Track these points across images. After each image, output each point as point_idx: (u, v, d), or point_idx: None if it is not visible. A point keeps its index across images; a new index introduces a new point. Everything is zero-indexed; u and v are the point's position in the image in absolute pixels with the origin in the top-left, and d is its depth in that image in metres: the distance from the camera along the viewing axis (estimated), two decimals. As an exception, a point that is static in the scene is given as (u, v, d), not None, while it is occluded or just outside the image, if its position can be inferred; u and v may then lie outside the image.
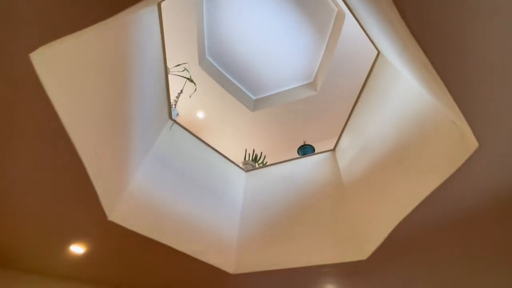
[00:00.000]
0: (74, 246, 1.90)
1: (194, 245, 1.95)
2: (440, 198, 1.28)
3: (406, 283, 2.05)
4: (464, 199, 1.28)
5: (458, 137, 1.15)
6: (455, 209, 1.34)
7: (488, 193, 1.23)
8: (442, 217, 1.41)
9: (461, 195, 1.26)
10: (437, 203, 1.31)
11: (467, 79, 0.94)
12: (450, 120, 1.19)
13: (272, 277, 2.05)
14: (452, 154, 1.16)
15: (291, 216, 2.21)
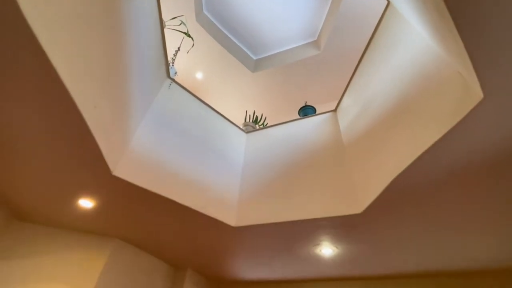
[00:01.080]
0: (82, 200, 1.99)
1: (196, 200, 2.04)
2: (439, 152, 1.29)
3: (400, 237, 2.17)
4: (465, 154, 1.29)
5: (463, 89, 1.12)
6: (454, 163, 1.36)
7: (490, 147, 1.23)
8: (440, 172, 1.44)
9: (461, 149, 1.27)
10: (435, 157, 1.32)
11: (481, 22, 0.88)
12: (456, 71, 1.15)
13: (271, 229, 2.17)
14: (455, 107, 1.14)
15: (290, 175, 2.27)
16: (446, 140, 1.21)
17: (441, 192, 1.59)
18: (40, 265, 2.25)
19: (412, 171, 1.45)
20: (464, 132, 1.16)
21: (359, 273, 3.02)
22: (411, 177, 1.50)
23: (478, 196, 1.59)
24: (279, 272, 3.16)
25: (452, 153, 1.30)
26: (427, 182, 1.53)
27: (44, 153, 1.60)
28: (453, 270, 2.70)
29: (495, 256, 2.37)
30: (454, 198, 1.63)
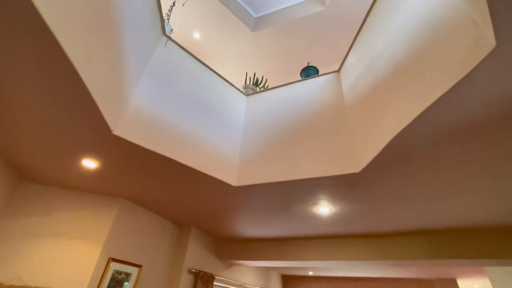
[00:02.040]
0: (86, 160, 2.03)
1: (197, 160, 2.07)
2: (443, 108, 1.27)
3: (397, 196, 2.23)
4: (469, 109, 1.26)
5: (474, 38, 1.06)
6: (457, 120, 1.34)
7: (497, 101, 1.20)
8: (442, 130, 1.42)
9: (466, 105, 1.24)
10: (439, 113, 1.30)
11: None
12: (470, 19, 1.07)
13: (271, 189, 2.24)
14: (464, 58, 1.09)
15: (291, 136, 2.28)
16: (452, 94, 1.18)
17: (441, 151, 1.60)
18: (52, 222, 2.38)
19: (413, 129, 1.44)
20: (471, 84, 1.12)
21: (355, 231, 3.19)
22: (412, 136, 1.50)
23: (479, 155, 1.60)
24: (278, 230, 3.35)
25: (456, 109, 1.27)
26: (428, 141, 1.52)
27: (44, 114, 1.59)
28: (449, 227, 2.84)
29: (492, 214, 2.47)
30: (454, 157, 1.64)
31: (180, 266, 3.19)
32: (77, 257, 2.30)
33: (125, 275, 2.59)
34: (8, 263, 2.11)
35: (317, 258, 3.44)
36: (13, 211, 2.30)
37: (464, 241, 2.97)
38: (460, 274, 5.61)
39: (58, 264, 2.23)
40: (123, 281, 2.56)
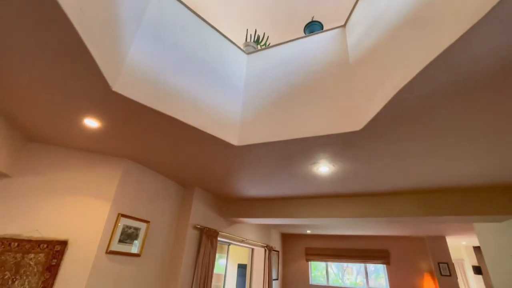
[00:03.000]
0: (87, 119, 2.03)
1: (198, 119, 2.07)
2: (450, 59, 1.22)
3: (397, 155, 2.27)
4: (476, 61, 1.22)
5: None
6: (464, 73, 1.31)
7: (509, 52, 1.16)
8: (447, 84, 1.39)
9: (474, 55, 1.20)
10: (445, 65, 1.27)
11: None
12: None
13: (272, 148, 2.28)
14: (477, 4, 1.02)
15: (293, 95, 2.25)
16: (460, 44, 1.13)
17: (444, 107, 1.59)
18: (61, 180, 2.46)
19: (416, 85, 1.41)
20: (482, 33, 1.07)
21: (353, 190, 3.32)
22: (415, 91, 1.47)
23: (484, 111, 1.59)
24: (279, 189, 3.48)
25: (463, 60, 1.23)
26: (431, 96, 1.50)
27: (42, 72, 1.55)
28: (442, 187, 2.95)
29: (484, 174, 2.54)
30: (458, 113, 1.63)
31: (185, 223, 3.39)
32: (88, 213, 2.44)
33: (134, 230, 2.76)
34: (25, 217, 2.24)
35: (316, 216, 3.64)
36: (23, 170, 2.37)
37: (456, 199, 3.11)
38: (449, 231, 5.97)
39: (71, 218, 2.37)
40: (133, 235, 2.74)
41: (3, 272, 2.04)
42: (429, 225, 5.23)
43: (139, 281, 2.77)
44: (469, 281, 7.83)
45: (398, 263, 6.71)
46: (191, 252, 3.34)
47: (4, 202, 2.23)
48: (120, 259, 2.58)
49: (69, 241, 2.29)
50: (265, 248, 5.97)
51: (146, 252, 2.90)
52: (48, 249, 2.21)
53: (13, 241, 2.14)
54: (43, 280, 2.12)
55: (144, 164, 2.94)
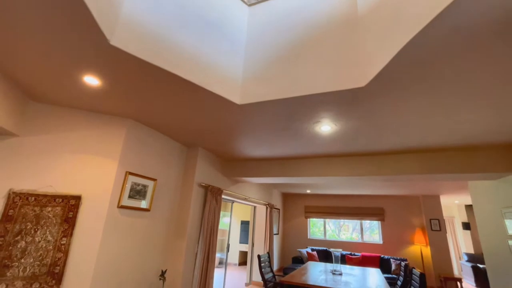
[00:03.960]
0: (87, 77, 1.99)
1: (200, 75, 2.03)
2: (463, 7, 1.15)
3: (400, 114, 2.27)
4: (488, 10, 1.15)
5: None
6: (475, 24, 1.24)
7: None
8: (456, 36, 1.33)
9: (486, 6, 1.12)
10: (457, 14, 1.19)
11: None
12: None
13: (275, 107, 2.27)
14: None
15: (296, 50, 2.16)
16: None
17: (452, 62, 1.54)
18: (67, 140, 2.52)
19: (424, 37, 1.35)
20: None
21: (353, 150, 3.38)
22: (422, 45, 1.41)
23: (493, 64, 1.54)
24: (281, 150, 3.55)
25: (478, 8, 1.16)
26: (439, 50, 1.44)
27: (38, 27, 1.48)
28: (440, 146, 2.99)
29: (482, 133, 2.56)
30: (465, 69, 1.59)
31: (191, 181, 3.54)
32: (98, 170, 2.53)
33: (142, 187, 2.90)
34: (39, 174, 2.35)
35: (317, 175, 3.76)
36: (29, 130, 2.41)
37: (453, 158, 3.18)
38: (444, 191, 6.21)
39: (82, 175, 2.48)
40: (141, 192, 2.88)
41: (25, 223, 2.21)
42: (425, 185, 5.43)
43: (150, 233, 2.99)
44: (457, 236, 8.39)
45: (392, 219, 7.12)
46: (197, 208, 3.55)
47: (16, 160, 2.31)
48: (131, 213, 2.75)
49: (82, 196, 2.42)
50: (267, 206, 6.30)
51: (155, 207, 3.08)
52: (64, 203, 2.35)
53: (30, 195, 2.27)
54: (62, 230, 2.30)
55: (147, 125, 2.97)
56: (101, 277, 2.38)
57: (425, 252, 6.54)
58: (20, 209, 2.21)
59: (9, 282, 2.07)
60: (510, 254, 3.09)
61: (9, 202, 2.19)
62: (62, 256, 2.25)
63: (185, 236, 3.30)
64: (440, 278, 6.10)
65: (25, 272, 2.13)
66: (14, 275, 2.10)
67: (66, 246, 2.28)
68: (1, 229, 2.13)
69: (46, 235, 2.25)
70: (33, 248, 2.19)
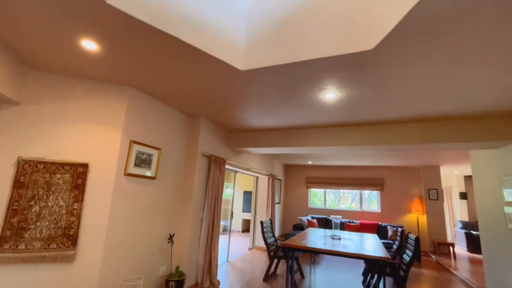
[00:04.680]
0: (85, 41, 1.93)
1: (202, 40, 1.95)
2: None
3: (405, 78, 2.21)
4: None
5: None
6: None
7: None
8: None
9: None
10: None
11: None
12: None
13: (279, 73, 2.21)
14: None
15: (301, 13, 2.05)
16: None
17: (462, 23, 1.46)
18: (70, 109, 2.51)
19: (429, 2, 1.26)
20: None
21: (357, 119, 3.36)
22: (433, 5, 1.33)
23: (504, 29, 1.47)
24: (284, 119, 3.53)
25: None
26: (448, 11, 1.36)
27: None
28: (442, 115, 2.96)
29: (485, 100, 2.51)
30: (475, 30, 1.51)
31: (194, 151, 3.58)
32: (103, 139, 2.56)
33: (147, 156, 2.95)
34: (44, 143, 2.38)
35: (320, 144, 3.79)
36: (30, 99, 2.39)
37: (455, 126, 3.17)
38: (444, 161, 6.27)
39: (88, 144, 2.51)
40: (146, 160, 2.94)
41: (37, 189, 2.29)
42: (426, 155, 5.47)
43: (157, 200, 3.11)
44: (453, 205, 8.64)
45: (391, 189, 7.30)
46: (201, 177, 3.64)
47: (21, 129, 2.33)
48: (138, 180, 2.83)
49: (89, 164, 2.48)
50: (269, 176, 6.45)
51: (161, 176, 3.16)
52: (72, 170, 2.42)
53: (39, 163, 2.32)
54: (73, 196, 2.39)
55: (149, 94, 2.93)
56: (113, 239, 2.53)
57: (421, 220, 6.80)
58: (30, 176, 2.28)
59: (28, 243, 2.20)
60: (504, 219, 3.21)
61: (19, 169, 2.25)
62: (75, 219, 2.36)
63: (191, 203, 3.42)
64: (434, 243, 6.41)
65: (41, 234, 2.26)
66: (32, 236, 2.23)
67: (78, 210, 2.39)
68: (15, 195, 2.22)
69: (58, 200, 2.34)
70: (47, 212, 2.30)
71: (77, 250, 2.34)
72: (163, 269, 3.16)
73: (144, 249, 2.90)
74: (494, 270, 3.48)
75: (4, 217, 2.16)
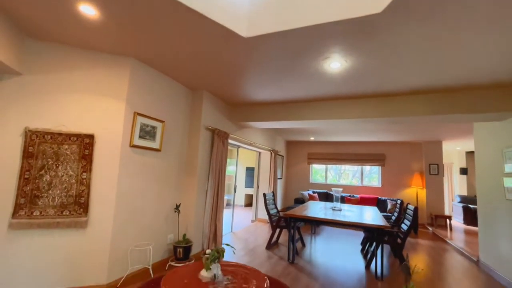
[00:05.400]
0: (83, 5, 1.87)
1: (203, 4, 1.88)
2: None
3: (412, 45, 2.15)
4: None
5: None
6: None
7: None
8: None
9: None
10: None
11: None
12: None
13: (283, 40, 2.16)
14: None
15: (308, -27, 1.95)
16: None
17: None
18: (71, 79, 2.49)
19: None
20: None
21: (361, 91, 3.31)
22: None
23: None
24: (287, 92, 3.49)
25: None
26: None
27: None
28: (446, 86, 2.90)
29: (492, 70, 2.44)
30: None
31: (198, 124, 3.60)
32: (107, 110, 2.57)
33: (151, 128, 2.97)
34: (49, 114, 2.40)
35: (323, 117, 3.78)
36: (31, 69, 2.37)
37: (458, 98, 3.14)
38: (447, 136, 6.26)
39: (92, 115, 2.52)
40: (151, 132, 2.96)
41: (46, 159, 2.35)
42: (429, 130, 5.45)
43: (163, 171, 3.18)
44: (453, 180, 8.77)
45: (392, 164, 7.38)
46: (205, 150, 3.69)
47: (25, 99, 2.33)
48: (143, 152, 2.89)
49: (95, 135, 2.51)
50: (271, 152, 6.51)
51: (165, 148, 3.21)
52: (79, 141, 2.46)
53: (46, 134, 2.36)
54: (82, 166, 2.45)
55: (150, 65, 2.89)
56: (122, 208, 2.63)
57: (420, 194, 6.94)
58: (39, 146, 2.33)
59: (42, 210, 2.31)
60: (502, 190, 3.27)
61: (27, 140, 2.29)
62: (85, 188, 2.45)
63: (195, 175, 3.51)
64: (431, 216, 6.61)
65: (54, 201, 2.35)
66: (45, 204, 2.32)
67: (87, 180, 2.46)
68: (25, 164, 2.28)
69: (67, 170, 2.41)
70: (58, 181, 2.37)
71: (89, 217, 2.45)
72: (170, 237, 3.32)
73: (153, 217, 3.02)
74: (488, 238, 3.61)
75: (17, 186, 2.24)
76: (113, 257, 2.52)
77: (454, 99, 3.14)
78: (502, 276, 3.21)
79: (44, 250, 2.30)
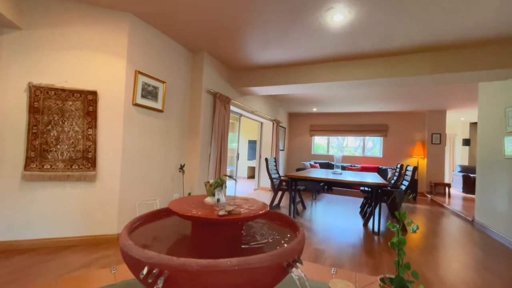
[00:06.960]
0: (77, -52, 1.81)
1: None
2: None
3: None
4: None
5: None
6: None
7: None
8: None
9: None
10: None
11: None
12: None
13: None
14: None
15: None
16: None
17: None
18: (70, 35, 2.47)
19: None
20: None
21: (363, 50, 3.24)
22: None
23: None
24: (288, 51, 3.43)
25: None
26: None
27: None
28: (451, 43, 2.81)
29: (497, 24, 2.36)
30: None
31: (199, 87, 3.59)
32: (108, 67, 2.57)
33: (153, 88, 2.98)
34: (51, 70, 2.41)
35: (327, 80, 3.74)
36: (30, 23, 2.35)
37: (462, 56, 3.08)
38: (450, 106, 6.19)
39: (94, 71, 2.53)
40: (153, 92, 2.98)
41: (52, 115, 2.40)
42: (433, 97, 5.38)
43: (166, 131, 3.24)
44: (455, 151, 8.79)
45: (395, 135, 7.39)
46: (207, 113, 3.71)
47: (25, 54, 2.34)
48: (146, 112, 2.92)
49: (98, 92, 2.54)
50: (273, 122, 6.52)
51: (168, 109, 3.24)
52: (82, 98, 2.49)
53: (50, 90, 2.39)
54: (87, 122, 2.50)
55: (150, 23, 2.83)
56: (128, 164, 2.72)
57: (421, 163, 7.01)
58: (43, 102, 2.37)
59: (52, 163, 2.40)
60: (502, 149, 3.30)
61: (31, 95, 2.33)
62: (91, 144, 2.52)
63: (198, 137, 3.57)
64: (431, 184, 6.72)
65: (63, 156, 2.44)
66: (55, 158, 2.41)
67: (93, 136, 2.53)
68: (32, 119, 2.34)
69: (73, 126, 2.47)
70: (65, 136, 2.44)
71: (97, 171, 2.55)
72: (176, 196, 3.45)
73: (158, 175, 3.13)
74: (484, 198, 3.70)
75: (26, 140, 2.31)
76: (122, 209, 2.66)
77: (458, 56, 3.07)
78: (495, 231, 3.34)
79: (57, 200, 2.43)
